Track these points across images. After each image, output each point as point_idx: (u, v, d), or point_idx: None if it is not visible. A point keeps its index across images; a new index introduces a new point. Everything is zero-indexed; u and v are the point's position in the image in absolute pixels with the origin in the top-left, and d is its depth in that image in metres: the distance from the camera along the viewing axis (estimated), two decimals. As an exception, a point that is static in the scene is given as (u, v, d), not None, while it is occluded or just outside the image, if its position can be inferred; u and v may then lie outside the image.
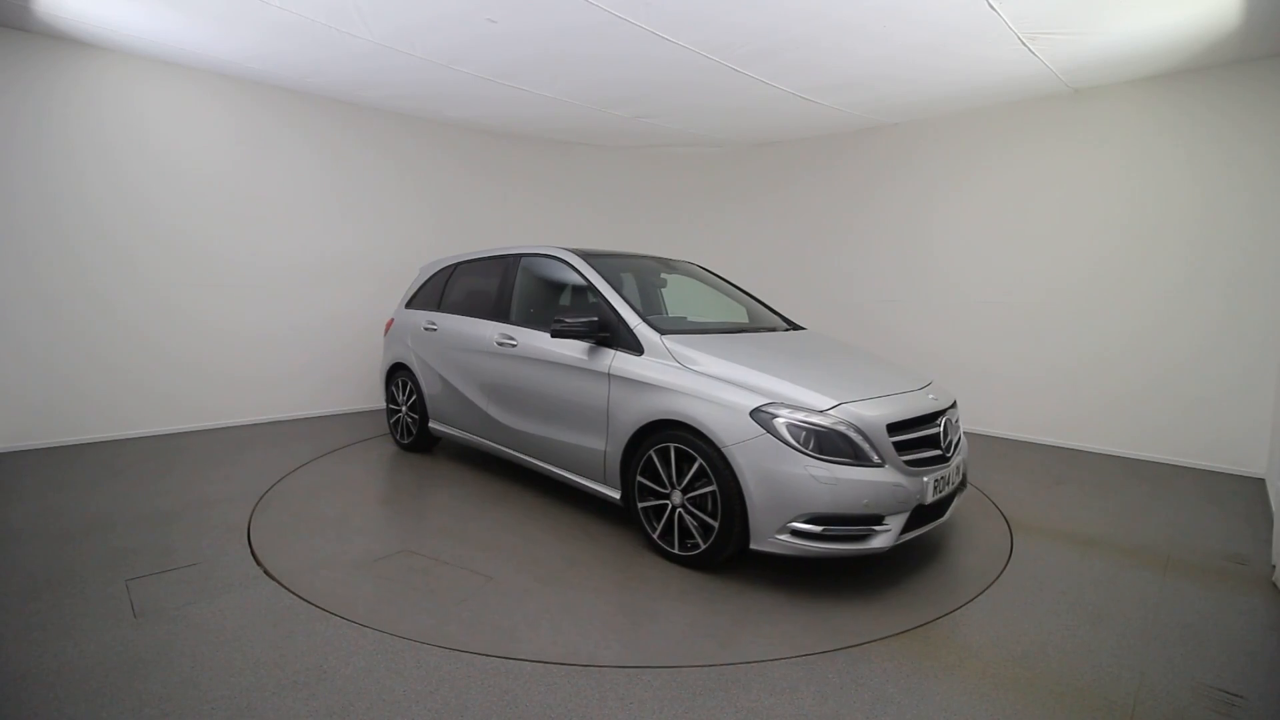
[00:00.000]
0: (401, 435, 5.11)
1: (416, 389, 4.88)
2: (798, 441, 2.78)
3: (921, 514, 2.93)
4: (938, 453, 3.03)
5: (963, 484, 3.32)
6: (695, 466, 2.99)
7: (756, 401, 2.90)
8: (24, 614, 2.57)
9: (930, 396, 3.23)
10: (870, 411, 2.90)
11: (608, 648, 2.43)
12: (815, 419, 2.82)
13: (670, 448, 3.09)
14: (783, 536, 2.79)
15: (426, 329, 4.80)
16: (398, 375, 5.10)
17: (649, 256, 4.66)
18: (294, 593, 2.80)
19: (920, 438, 3.00)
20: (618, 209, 8.02)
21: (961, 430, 3.44)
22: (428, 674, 2.25)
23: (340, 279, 6.29)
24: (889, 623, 2.65)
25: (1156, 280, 5.05)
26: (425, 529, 3.59)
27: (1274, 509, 3.69)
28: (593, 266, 3.89)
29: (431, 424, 4.82)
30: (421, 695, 2.13)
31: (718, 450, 2.90)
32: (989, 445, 5.55)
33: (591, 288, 3.79)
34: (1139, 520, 3.85)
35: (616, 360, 3.42)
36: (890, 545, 2.81)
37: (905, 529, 2.86)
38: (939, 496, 2.98)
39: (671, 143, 7.41)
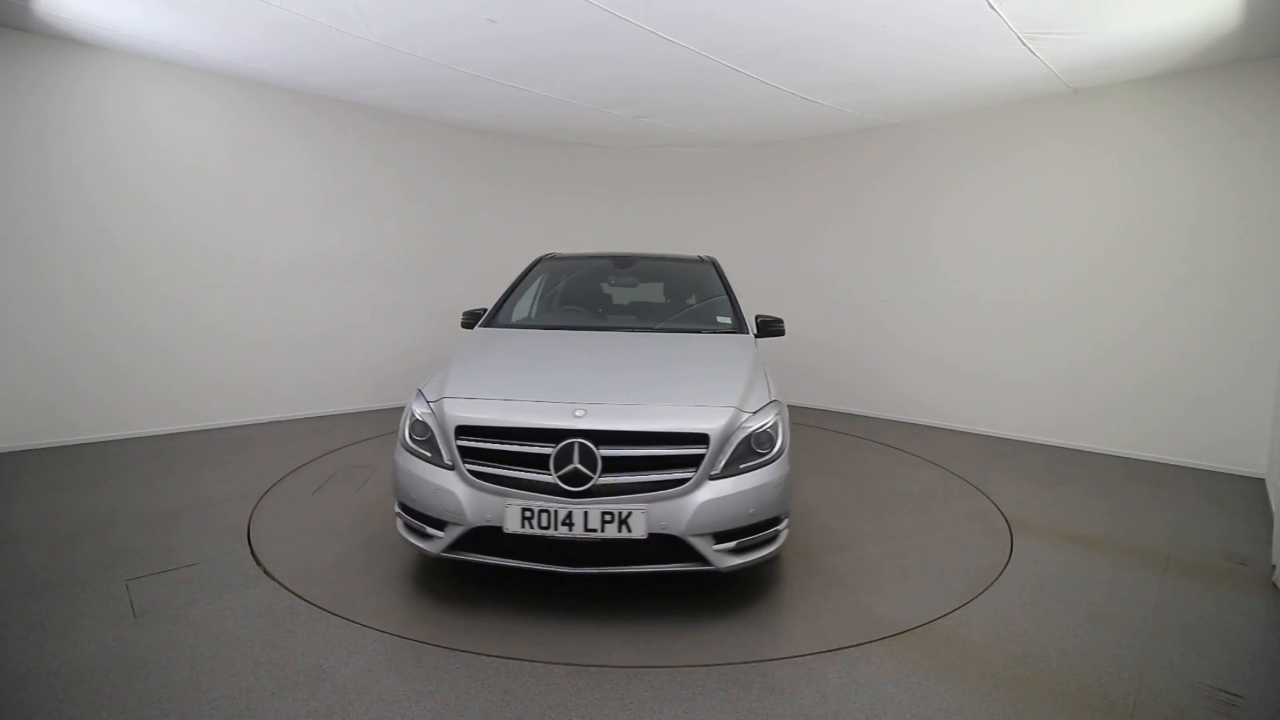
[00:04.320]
0: None
1: None
2: (408, 427, 2.84)
3: (515, 545, 2.56)
4: (541, 478, 2.53)
5: (682, 552, 2.55)
6: None
7: (423, 385, 3.04)
8: (24, 614, 2.57)
9: (576, 414, 2.59)
10: (455, 410, 2.69)
11: (294, 576, 2.91)
12: (422, 409, 2.84)
13: None
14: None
15: None
16: None
17: (633, 256, 4.65)
18: (294, 593, 2.80)
19: (506, 453, 2.59)
20: (618, 209, 8.02)
21: (683, 478, 2.54)
22: (428, 674, 2.25)
23: (341, 278, 6.29)
24: (889, 623, 2.65)
25: (1155, 279, 5.05)
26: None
27: (1274, 509, 3.69)
28: (537, 266, 4.38)
29: None
30: (421, 695, 2.13)
31: None
32: (989, 445, 5.55)
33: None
34: (1139, 520, 3.85)
35: None
36: (436, 554, 2.63)
37: (482, 551, 2.60)
38: (539, 533, 2.49)
39: (671, 143, 7.41)
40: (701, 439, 2.59)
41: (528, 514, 2.50)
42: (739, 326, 3.78)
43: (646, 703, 2.12)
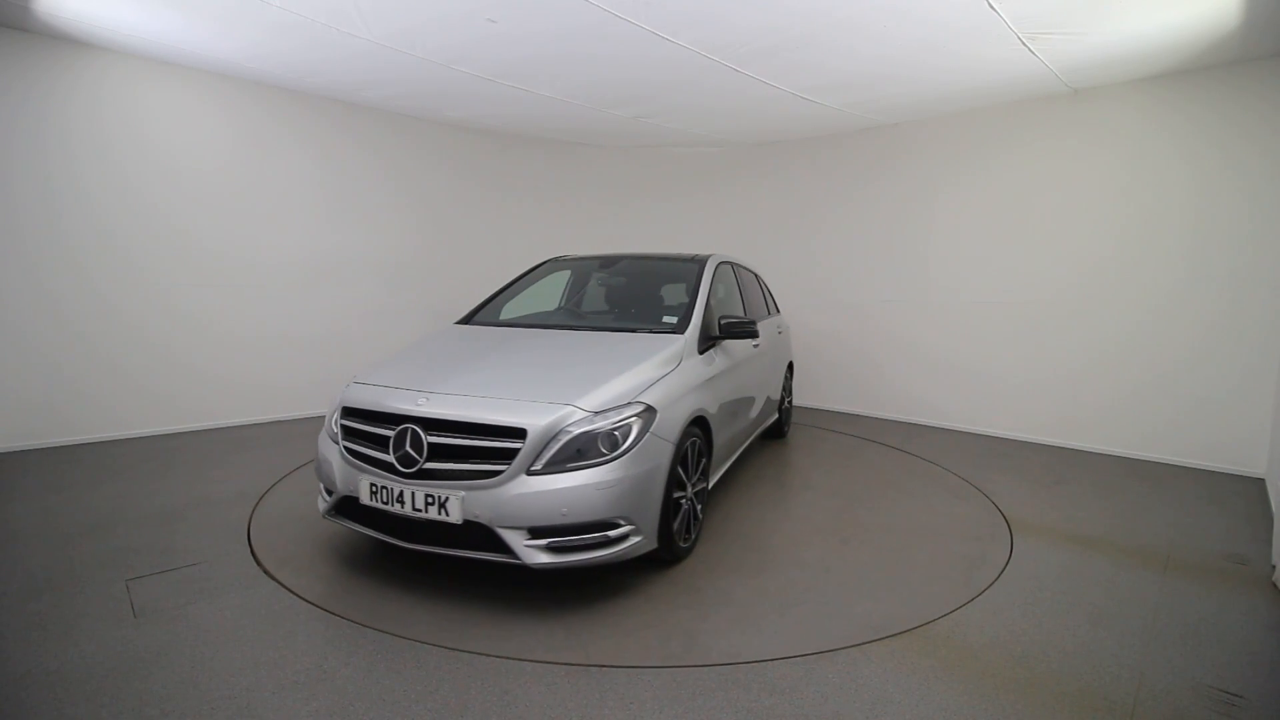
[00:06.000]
0: None
1: None
2: (331, 410, 3.19)
3: (369, 515, 2.83)
4: (383, 457, 2.75)
5: (490, 544, 2.61)
6: None
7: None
8: (24, 614, 2.57)
9: (419, 402, 2.79)
10: (349, 393, 3.06)
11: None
12: (341, 393, 3.17)
13: None
14: None
15: None
16: None
17: (620, 256, 4.70)
18: (294, 593, 2.80)
19: (367, 433, 2.88)
20: (618, 209, 8.02)
21: (502, 470, 2.59)
22: (428, 674, 2.25)
23: (340, 278, 6.29)
24: (889, 623, 2.65)
25: (1156, 280, 5.05)
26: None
27: (1274, 509, 3.69)
28: (541, 267, 4.62)
29: None
30: (421, 695, 2.13)
31: None
32: (989, 445, 5.55)
33: None
34: (1139, 520, 3.85)
35: None
36: (322, 514, 3.04)
37: (349, 518, 2.95)
38: (381, 506, 2.73)
39: (671, 143, 7.41)
40: (519, 433, 2.62)
41: (373, 488, 2.76)
42: (679, 328, 3.61)
43: (646, 703, 2.12)
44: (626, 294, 4.49)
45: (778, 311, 5.76)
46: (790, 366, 5.79)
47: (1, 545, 3.19)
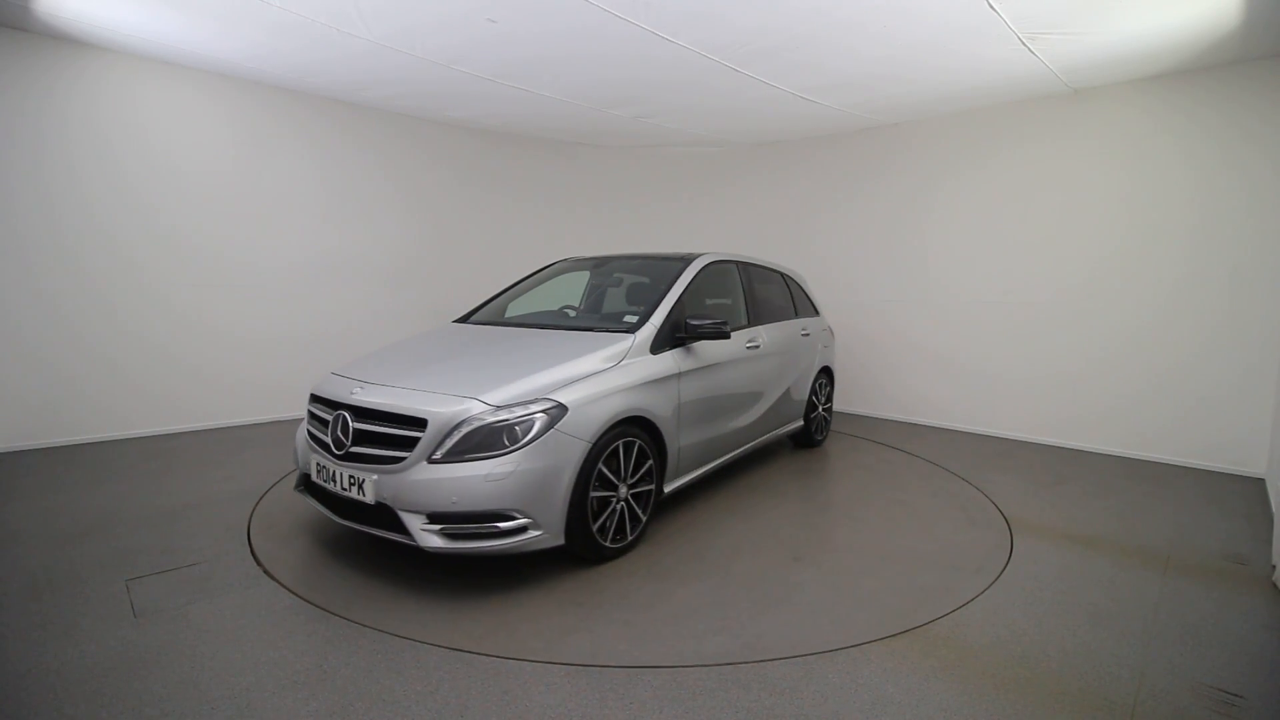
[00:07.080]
0: None
1: None
2: None
3: (318, 492, 3.11)
4: (325, 439, 3.02)
5: (396, 525, 2.76)
6: None
7: None
8: (24, 614, 2.57)
9: (354, 391, 3.05)
10: (320, 382, 3.34)
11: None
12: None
13: None
14: None
15: None
16: None
17: (612, 257, 4.74)
18: (294, 593, 2.80)
19: (320, 417, 3.15)
20: (618, 209, 8.02)
21: (412, 457, 2.74)
22: (428, 674, 2.25)
23: (340, 278, 6.29)
24: (889, 623, 2.65)
25: (1156, 280, 5.05)
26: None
27: (1274, 509, 3.70)
28: (549, 268, 4.73)
29: None
30: (421, 695, 2.13)
31: None
32: (989, 445, 5.55)
33: None
34: (1139, 520, 3.85)
35: None
36: (293, 488, 3.42)
37: (307, 492, 3.23)
38: (323, 484, 3.02)
39: (671, 143, 7.41)
40: (421, 423, 2.78)
41: (319, 467, 3.06)
42: (634, 327, 3.52)
43: (647, 703, 2.12)
44: (614, 294, 4.51)
45: (815, 313, 5.49)
46: (827, 372, 5.47)
47: (1, 545, 3.19)
